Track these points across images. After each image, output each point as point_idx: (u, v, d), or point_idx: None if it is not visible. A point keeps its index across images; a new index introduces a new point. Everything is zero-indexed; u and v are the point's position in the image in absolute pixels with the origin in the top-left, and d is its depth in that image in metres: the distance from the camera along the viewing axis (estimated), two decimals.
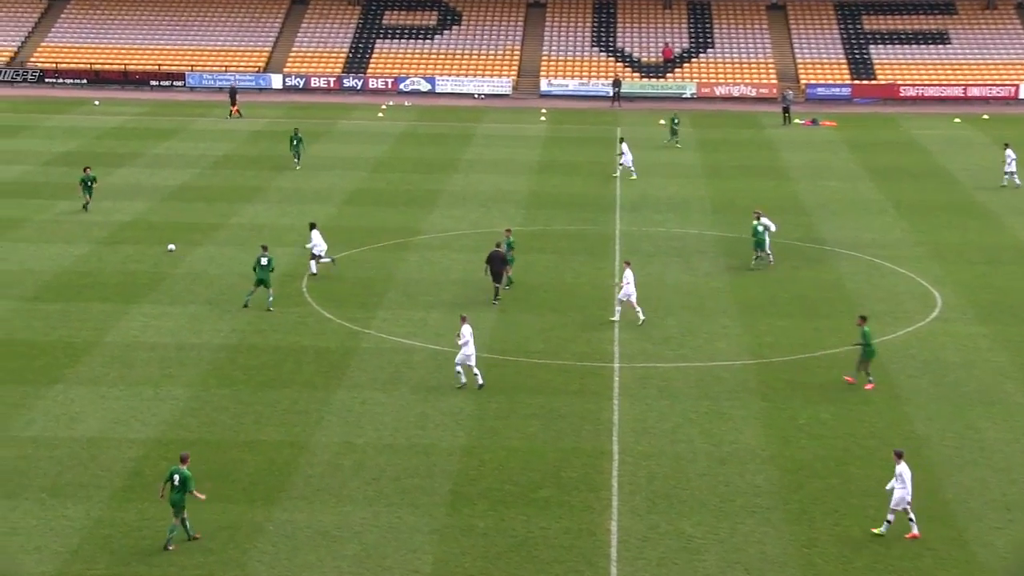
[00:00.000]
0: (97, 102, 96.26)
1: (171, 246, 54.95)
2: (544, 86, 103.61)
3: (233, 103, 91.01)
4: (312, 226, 53.32)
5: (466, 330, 40.92)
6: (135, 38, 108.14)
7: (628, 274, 47.29)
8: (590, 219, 63.24)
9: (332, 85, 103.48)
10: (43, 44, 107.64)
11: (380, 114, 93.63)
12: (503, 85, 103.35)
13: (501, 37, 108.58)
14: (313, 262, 52.57)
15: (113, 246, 57.00)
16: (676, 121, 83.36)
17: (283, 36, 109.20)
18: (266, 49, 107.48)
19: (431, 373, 42.38)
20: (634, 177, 72.03)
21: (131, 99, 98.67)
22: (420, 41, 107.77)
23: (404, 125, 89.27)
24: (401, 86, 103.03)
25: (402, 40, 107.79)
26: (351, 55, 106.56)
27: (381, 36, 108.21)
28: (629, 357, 44.17)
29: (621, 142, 74.22)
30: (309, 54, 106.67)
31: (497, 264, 49.59)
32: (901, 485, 31.74)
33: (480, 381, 41.03)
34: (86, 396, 40.16)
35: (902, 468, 31.82)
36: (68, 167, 72.86)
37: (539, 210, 65.05)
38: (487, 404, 39.91)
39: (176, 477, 31.08)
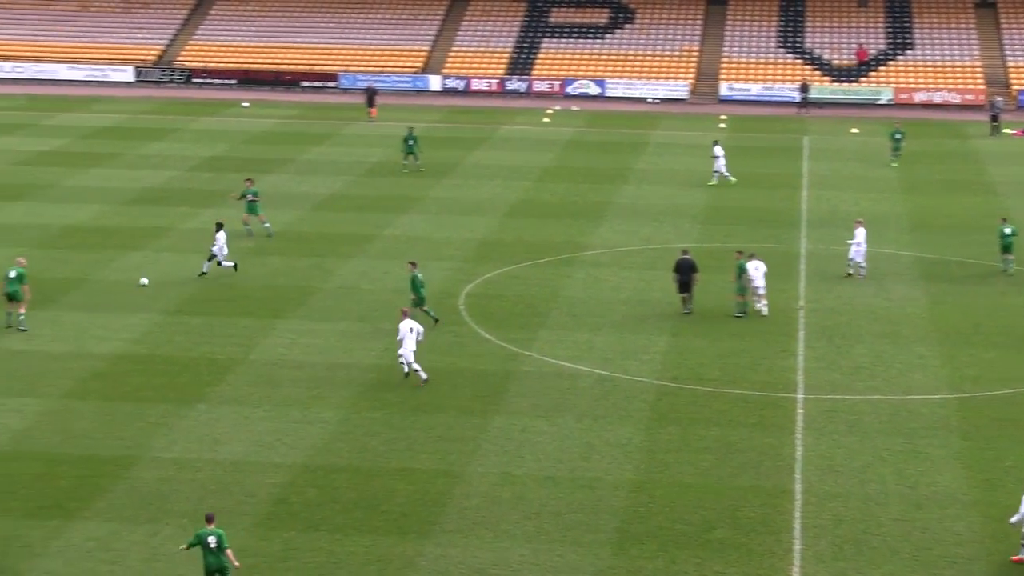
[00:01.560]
0: (246, 104, 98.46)
1: (143, 280, 53.70)
2: (724, 90, 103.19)
3: (371, 105, 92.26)
4: (219, 227, 55.32)
5: (402, 326, 43.23)
6: (287, 37, 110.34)
7: (756, 264, 50.28)
8: (773, 236, 62.79)
9: (494, 87, 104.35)
10: (191, 42, 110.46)
11: (545, 119, 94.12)
12: (679, 89, 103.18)
13: (678, 37, 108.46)
14: (207, 263, 55.00)
15: (260, 257, 58.19)
16: (899, 135, 79.86)
17: (443, 35, 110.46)
18: (424, 48, 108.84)
19: (597, 400, 42.46)
20: (716, 183, 72.39)
21: (281, 101, 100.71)
22: (590, 40, 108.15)
23: (571, 131, 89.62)
24: (568, 89, 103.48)
25: (570, 39, 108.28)
26: (515, 55, 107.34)
27: (548, 35, 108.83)
28: (814, 388, 43.72)
29: (715, 145, 74.14)
30: (470, 54, 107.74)
31: (685, 273, 50.31)
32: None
33: (424, 377, 43.35)
34: (230, 416, 41.06)
35: None
36: (215, 172, 74.67)
37: (717, 226, 64.79)
38: (658, 436, 39.85)
39: (211, 539, 29.83)
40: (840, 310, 51.43)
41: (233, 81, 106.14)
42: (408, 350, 43.23)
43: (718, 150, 73.65)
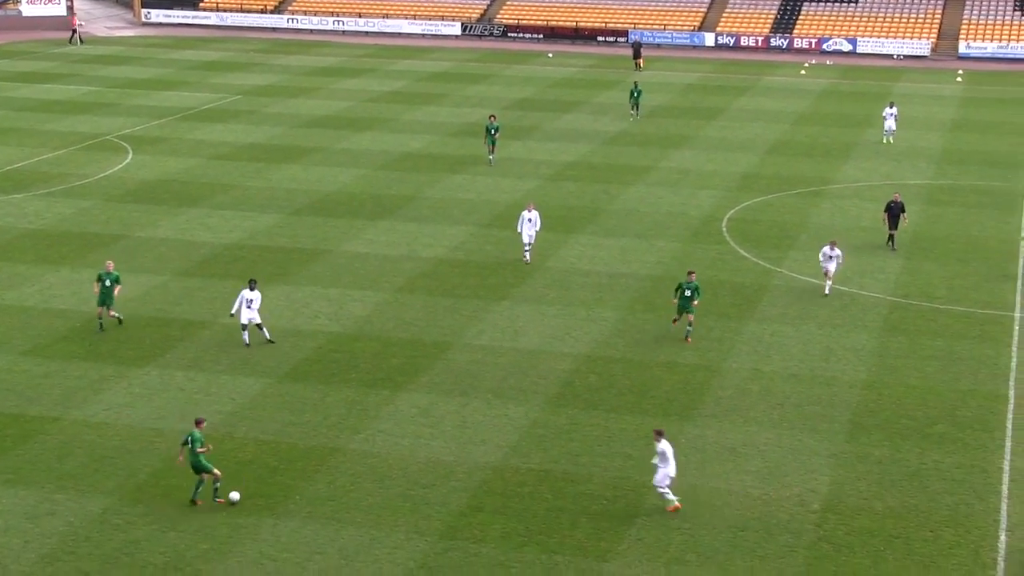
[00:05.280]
0: (550, 54, 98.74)
1: (234, 495, 29.18)
2: (962, 48, 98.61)
3: (637, 56, 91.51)
4: (252, 284, 38.13)
5: (523, 214, 46.10)
6: None
7: (828, 251, 42.89)
8: (1000, 176, 60.07)
9: (760, 44, 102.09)
10: (508, 3, 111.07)
11: (802, 71, 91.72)
12: (922, 47, 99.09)
13: (923, 2, 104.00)
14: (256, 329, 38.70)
15: (557, 183, 58.57)
16: None
17: None
18: (702, 10, 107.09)
19: (837, 312, 41.59)
20: (884, 143, 66.33)
21: (580, 52, 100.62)
22: (845, 5, 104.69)
23: (825, 82, 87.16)
24: (824, 46, 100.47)
25: (828, 3, 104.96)
26: (779, 16, 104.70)
27: (808, 0, 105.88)
28: None
29: (891, 107, 67.32)
30: (741, 15, 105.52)
31: (894, 213, 48.21)
32: (663, 464, 28.66)
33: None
34: (528, 313, 41.66)
35: (663, 446, 28.64)
36: (522, 111, 75.29)
37: (949, 166, 62.30)
38: (889, 344, 38.86)
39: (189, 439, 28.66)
40: None
41: (540, 36, 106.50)
42: (527, 234, 45.99)
43: (891, 111, 67.16)
